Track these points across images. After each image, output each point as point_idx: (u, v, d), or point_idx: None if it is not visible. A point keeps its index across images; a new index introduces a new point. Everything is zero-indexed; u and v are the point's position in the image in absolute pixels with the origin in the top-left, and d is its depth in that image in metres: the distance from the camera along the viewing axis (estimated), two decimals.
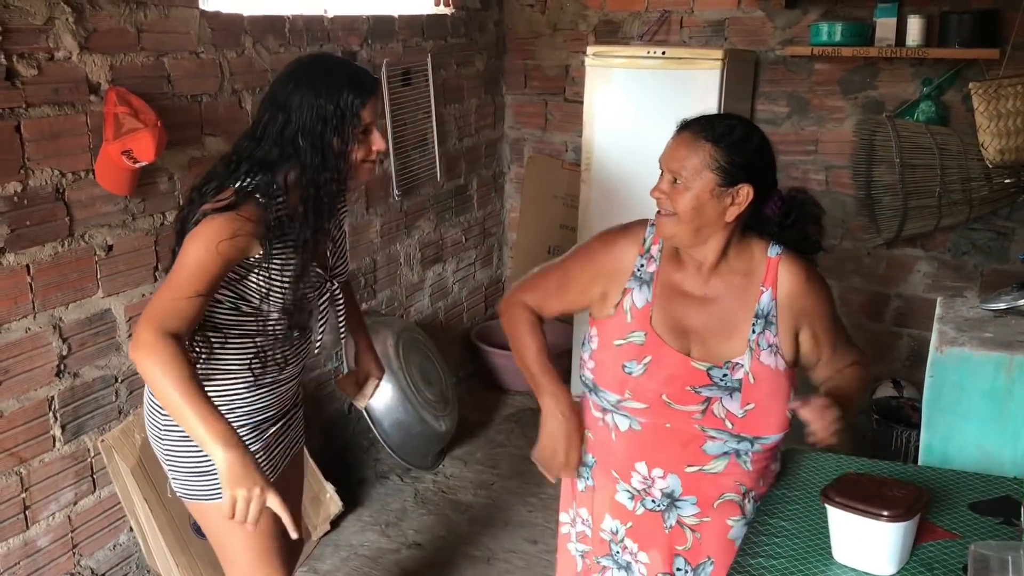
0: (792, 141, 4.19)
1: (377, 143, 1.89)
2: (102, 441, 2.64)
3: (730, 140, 1.74)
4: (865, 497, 1.60)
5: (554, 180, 4.80)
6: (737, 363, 1.78)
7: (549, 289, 2.01)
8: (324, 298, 2.03)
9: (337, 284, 2.07)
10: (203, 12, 2.86)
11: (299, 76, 1.85)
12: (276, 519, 2.02)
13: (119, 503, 2.71)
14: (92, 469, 2.67)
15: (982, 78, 3.63)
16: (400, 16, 3.86)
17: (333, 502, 3.36)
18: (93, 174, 2.52)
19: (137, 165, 2.46)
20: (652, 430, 1.84)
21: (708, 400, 1.78)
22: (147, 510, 2.66)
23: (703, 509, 1.87)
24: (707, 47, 4.16)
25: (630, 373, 1.82)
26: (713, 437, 1.80)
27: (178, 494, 2.04)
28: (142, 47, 2.65)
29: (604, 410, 1.90)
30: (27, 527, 2.50)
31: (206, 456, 1.90)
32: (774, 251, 1.83)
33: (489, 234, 4.89)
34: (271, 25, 3.15)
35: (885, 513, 1.57)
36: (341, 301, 2.11)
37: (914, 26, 3.71)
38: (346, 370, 3.54)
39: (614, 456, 1.91)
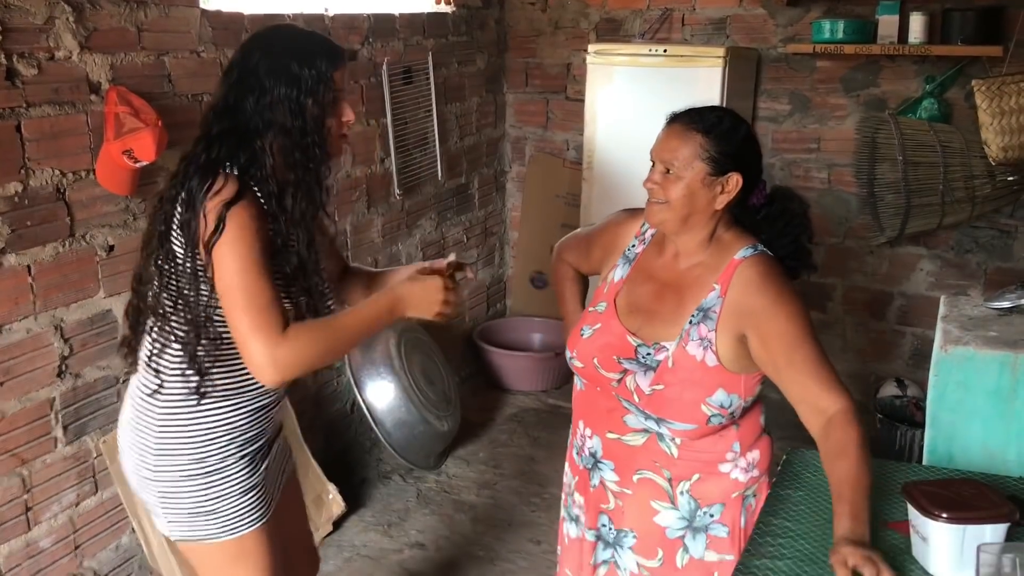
0: (794, 139, 4.18)
1: (347, 113, 1.85)
2: (104, 442, 2.64)
3: (719, 130, 1.81)
4: (963, 504, 1.58)
5: (555, 179, 4.79)
6: (663, 346, 1.84)
7: (580, 252, 2.19)
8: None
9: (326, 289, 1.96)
10: (204, 11, 2.85)
11: (267, 44, 1.80)
12: (276, 544, 1.97)
13: (121, 504, 2.71)
14: (94, 470, 2.66)
15: (985, 75, 3.62)
16: (401, 14, 3.85)
17: (335, 503, 3.36)
18: (94, 174, 2.52)
19: (138, 165, 2.46)
20: (589, 391, 1.98)
21: (625, 372, 1.87)
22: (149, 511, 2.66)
23: (621, 478, 1.93)
24: (709, 45, 4.15)
25: (582, 335, 1.96)
26: (627, 409, 1.88)
27: (174, 538, 1.92)
28: (143, 46, 2.64)
29: None
30: (29, 528, 2.49)
31: (209, 495, 1.85)
32: (743, 253, 1.84)
33: (491, 233, 4.88)
34: (271, 24, 3.14)
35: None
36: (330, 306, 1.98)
37: (916, 23, 3.70)
38: (349, 374, 3.53)
39: (573, 412, 2.08)
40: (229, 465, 1.86)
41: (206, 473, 1.84)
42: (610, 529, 1.98)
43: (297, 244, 1.81)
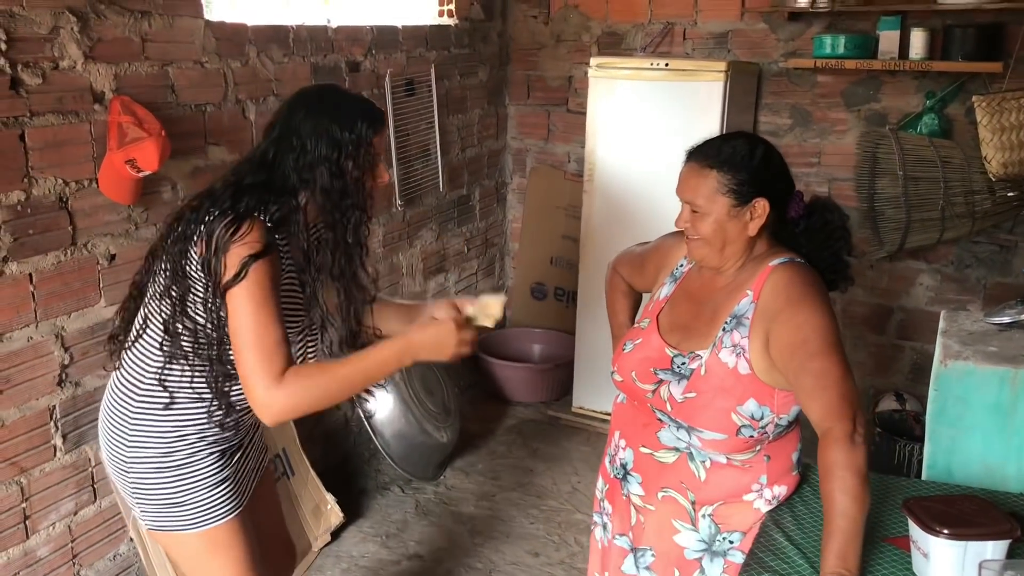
0: (795, 153, 4.19)
1: (383, 175, 1.91)
2: None
3: (733, 163, 1.83)
4: (964, 521, 1.58)
5: (556, 191, 4.80)
6: (697, 354, 1.86)
7: (635, 267, 2.24)
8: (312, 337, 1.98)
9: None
10: (208, 22, 2.86)
11: (310, 105, 1.85)
12: (251, 536, 2.02)
13: (119, 513, 2.70)
14: (93, 479, 2.66)
15: (985, 91, 3.64)
16: (404, 27, 3.87)
17: (334, 513, 3.35)
18: (96, 183, 2.52)
19: (140, 174, 2.46)
20: (629, 405, 2.00)
21: (660, 382, 1.89)
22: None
23: (647, 492, 1.94)
24: (710, 59, 4.17)
25: (624, 350, 2.00)
26: (661, 421, 1.89)
27: (147, 527, 1.99)
28: (146, 56, 2.65)
29: None
30: (27, 537, 2.49)
31: (178, 487, 1.91)
32: (778, 261, 1.85)
33: (491, 244, 4.89)
34: (275, 35, 3.16)
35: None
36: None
37: (917, 39, 3.71)
38: None
39: (611, 422, 2.10)
40: (198, 460, 1.92)
41: (175, 466, 1.91)
42: (629, 545, 2.01)
43: (341, 314, 1.89)
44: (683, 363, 1.87)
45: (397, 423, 3.54)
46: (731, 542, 1.88)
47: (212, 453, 1.93)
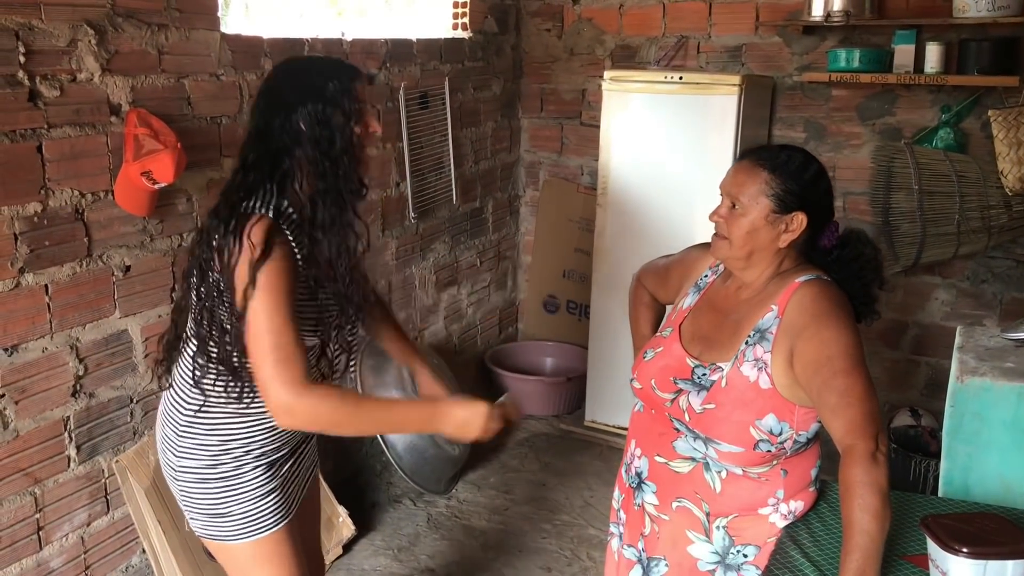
0: None
1: (373, 124, 1.88)
2: (116, 462, 2.64)
3: (787, 169, 1.83)
4: (983, 539, 1.56)
5: (569, 204, 4.80)
6: (719, 366, 1.86)
7: (659, 278, 2.24)
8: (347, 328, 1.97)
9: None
10: (224, 35, 2.88)
11: (289, 69, 1.87)
12: (298, 546, 2.02)
13: (132, 524, 2.70)
14: (106, 490, 2.66)
15: (1001, 105, 3.62)
16: (418, 40, 3.88)
17: (345, 526, 3.35)
18: (112, 195, 2.53)
19: (156, 186, 2.47)
20: (646, 413, 2.00)
21: (679, 392, 1.88)
22: (160, 532, 2.66)
23: (661, 502, 1.94)
24: (724, 72, 4.16)
25: (645, 358, 2.01)
26: (678, 431, 1.89)
27: (197, 533, 2.01)
28: (163, 69, 2.66)
29: None
30: (40, 548, 2.49)
31: (223, 498, 1.92)
32: (805, 278, 1.85)
33: (504, 257, 4.89)
34: (290, 48, 3.17)
35: None
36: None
37: (932, 53, 3.71)
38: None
39: (628, 432, 2.09)
40: (244, 472, 1.92)
41: (221, 477, 1.92)
42: (644, 556, 2.00)
43: (334, 271, 1.84)
44: (704, 374, 1.87)
45: (409, 436, 3.53)
46: (745, 555, 1.87)
47: (259, 465, 1.93)
